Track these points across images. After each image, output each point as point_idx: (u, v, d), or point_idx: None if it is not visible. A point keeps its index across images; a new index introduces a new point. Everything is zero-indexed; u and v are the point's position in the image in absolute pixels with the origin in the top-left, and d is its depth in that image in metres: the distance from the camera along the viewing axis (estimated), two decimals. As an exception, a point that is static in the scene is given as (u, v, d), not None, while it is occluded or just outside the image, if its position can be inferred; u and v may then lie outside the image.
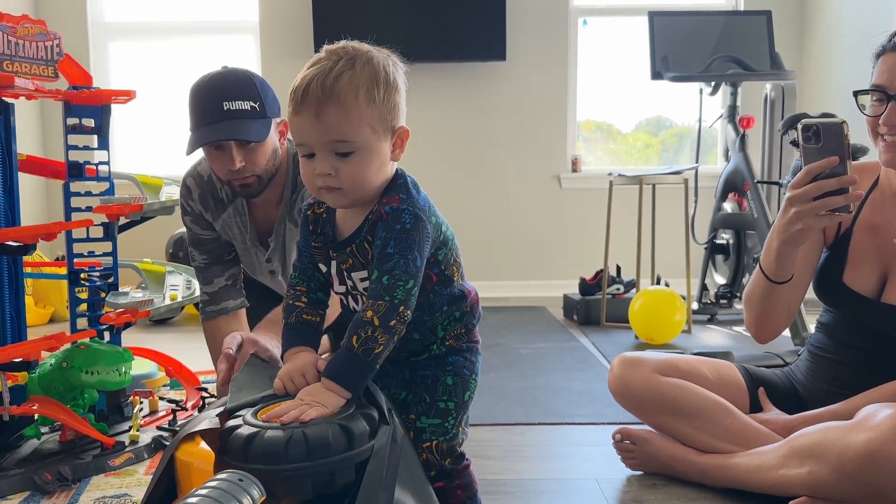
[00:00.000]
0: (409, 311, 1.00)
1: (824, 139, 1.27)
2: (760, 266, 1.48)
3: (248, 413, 0.96)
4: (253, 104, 1.64)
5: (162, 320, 3.46)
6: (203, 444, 0.92)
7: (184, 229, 1.88)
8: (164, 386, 2.27)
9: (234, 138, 1.61)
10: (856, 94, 1.44)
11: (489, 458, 1.71)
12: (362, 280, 1.06)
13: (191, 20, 4.08)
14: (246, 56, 4.07)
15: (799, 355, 1.97)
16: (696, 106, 3.33)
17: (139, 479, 1.61)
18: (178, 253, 3.57)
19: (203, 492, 0.76)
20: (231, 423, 0.95)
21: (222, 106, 1.61)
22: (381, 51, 1.07)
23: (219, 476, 0.81)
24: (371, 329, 0.97)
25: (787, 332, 2.65)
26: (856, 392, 1.44)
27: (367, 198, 1.05)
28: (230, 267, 1.89)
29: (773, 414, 1.55)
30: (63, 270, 1.98)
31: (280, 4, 3.95)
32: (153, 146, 4.03)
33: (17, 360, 1.58)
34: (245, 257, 1.91)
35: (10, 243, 1.54)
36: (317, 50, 3.65)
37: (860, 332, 1.50)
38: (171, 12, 4.07)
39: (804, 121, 1.31)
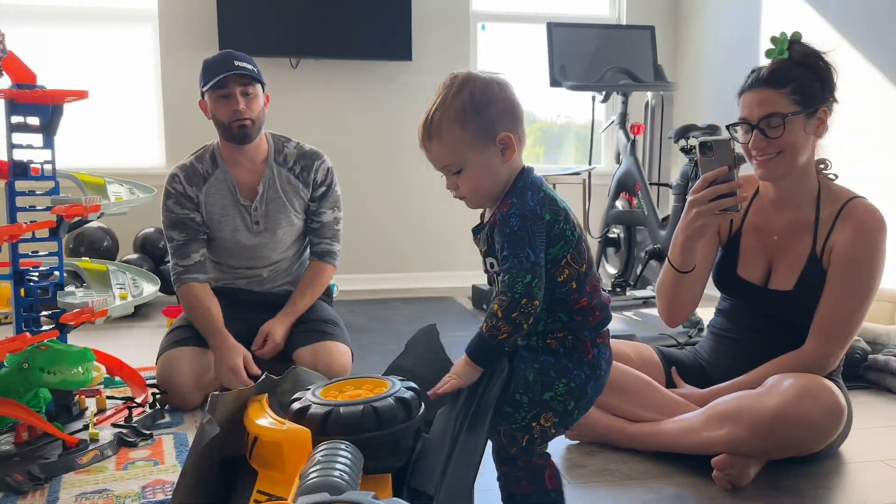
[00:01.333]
0: (534, 302, 1.13)
1: (716, 153, 1.59)
2: (669, 259, 1.76)
3: (308, 393, 1.11)
4: (255, 69, 2.20)
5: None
6: (286, 423, 1.04)
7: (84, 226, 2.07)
8: (99, 385, 2.26)
9: (248, 74, 2.16)
10: (727, 127, 1.77)
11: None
12: (491, 265, 1.21)
13: (82, 5, 3.89)
14: (143, 48, 3.94)
15: (690, 336, 2.29)
16: (559, 104, 3.62)
17: (112, 474, 1.65)
18: (79, 248, 3.46)
19: (331, 459, 0.87)
20: (297, 405, 1.08)
21: (234, 63, 2.15)
22: (482, 73, 1.21)
23: (327, 445, 0.92)
24: (495, 320, 1.13)
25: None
26: (753, 366, 1.74)
27: (494, 196, 1.21)
28: (203, 245, 2.26)
29: (688, 389, 1.83)
30: (4, 270, 1.94)
31: (181, -6, 3.87)
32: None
33: (-17, 362, 1.58)
34: (225, 222, 2.26)
35: (-23, 246, 1.53)
36: (220, 40, 3.63)
37: (753, 315, 1.81)
38: (60, -4, 3.87)
39: (701, 139, 1.62)
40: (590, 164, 3.62)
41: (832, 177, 1.77)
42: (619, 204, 3.49)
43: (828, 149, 1.78)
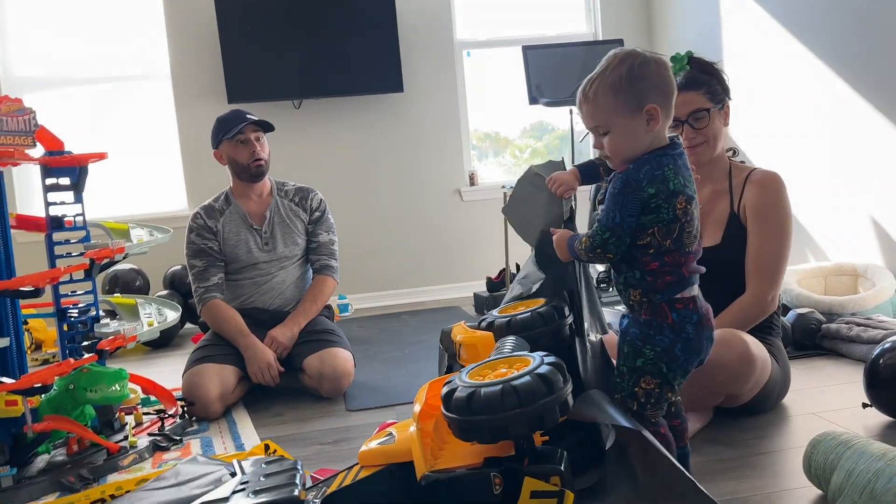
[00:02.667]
0: (607, 255, 1.34)
1: None
2: None
3: (494, 311, 1.53)
4: (262, 120, 2.70)
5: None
6: (478, 331, 1.50)
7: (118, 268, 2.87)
8: (137, 404, 2.58)
9: (263, 122, 2.67)
10: None
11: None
12: (600, 202, 1.40)
13: (102, 72, 4.29)
14: (161, 103, 4.32)
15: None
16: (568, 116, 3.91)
17: (149, 472, 1.95)
18: (114, 288, 3.82)
19: (508, 345, 1.31)
20: (484, 323, 1.50)
21: (245, 116, 2.67)
22: (643, 51, 1.35)
23: (504, 342, 1.34)
24: (580, 247, 1.38)
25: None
26: None
27: (632, 160, 1.35)
28: (220, 271, 2.69)
29: None
30: (49, 308, 2.27)
31: (189, 54, 4.23)
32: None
33: (36, 385, 1.90)
34: (240, 245, 2.69)
35: (25, 288, 1.86)
36: (228, 91, 4.00)
37: None
38: (81, 65, 4.27)
39: None
40: (573, 172, 3.88)
41: (740, 161, 2.14)
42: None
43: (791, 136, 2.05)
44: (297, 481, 1.33)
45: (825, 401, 2.08)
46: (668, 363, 1.35)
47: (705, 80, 2.01)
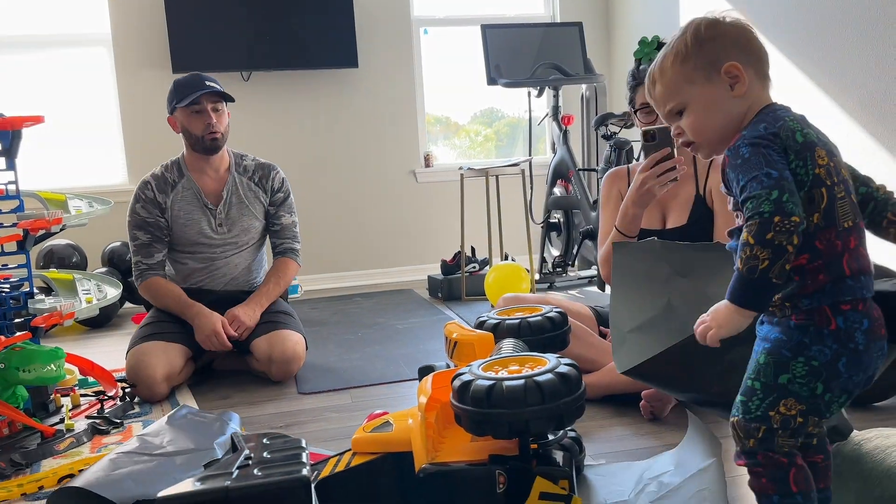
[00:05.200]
0: (791, 218, 0.96)
1: (659, 138, 1.83)
2: (617, 229, 1.99)
3: (492, 312, 1.56)
4: (221, 87, 2.50)
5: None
6: (476, 330, 1.49)
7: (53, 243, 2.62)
8: (74, 385, 2.44)
9: (221, 92, 2.47)
10: (634, 112, 2.04)
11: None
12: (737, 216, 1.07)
13: (39, 33, 4.04)
14: (100, 70, 4.11)
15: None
16: (523, 100, 3.87)
17: (87, 457, 1.83)
18: (49, 264, 3.62)
19: (509, 346, 1.33)
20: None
21: (204, 82, 2.45)
22: (713, 16, 1.13)
23: (503, 343, 1.37)
24: (749, 249, 0.97)
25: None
26: None
27: (724, 137, 1.10)
28: (165, 248, 2.52)
29: None
30: (-24, 284, 2.11)
31: (132, 16, 4.02)
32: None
33: (-37, 364, 1.76)
34: (190, 225, 2.52)
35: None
36: (172, 59, 3.82)
37: None
38: (15, 26, 4.01)
39: (644, 128, 1.87)
40: (529, 155, 3.85)
41: None
42: (556, 191, 3.73)
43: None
44: (305, 460, 1.28)
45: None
46: (827, 382, 1.02)
47: None
